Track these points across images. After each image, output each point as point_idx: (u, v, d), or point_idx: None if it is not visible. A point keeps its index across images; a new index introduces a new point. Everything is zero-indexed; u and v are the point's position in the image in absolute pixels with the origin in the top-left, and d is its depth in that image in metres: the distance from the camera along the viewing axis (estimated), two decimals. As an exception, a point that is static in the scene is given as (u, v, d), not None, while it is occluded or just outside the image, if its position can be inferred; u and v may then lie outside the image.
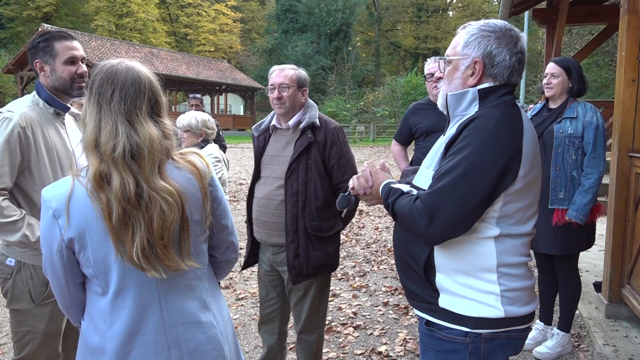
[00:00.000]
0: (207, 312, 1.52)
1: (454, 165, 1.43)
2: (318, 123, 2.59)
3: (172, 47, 43.07)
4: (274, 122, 2.69)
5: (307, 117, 2.59)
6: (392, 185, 1.61)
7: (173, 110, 33.09)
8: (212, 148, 3.53)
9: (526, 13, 11.21)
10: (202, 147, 3.47)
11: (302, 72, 2.65)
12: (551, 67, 3.19)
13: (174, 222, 1.37)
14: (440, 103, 1.67)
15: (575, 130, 3.08)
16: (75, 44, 2.21)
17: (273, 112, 2.73)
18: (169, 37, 44.86)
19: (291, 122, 2.61)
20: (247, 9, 50.36)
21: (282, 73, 2.59)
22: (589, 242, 3.24)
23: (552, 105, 3.25)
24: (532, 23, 13.28)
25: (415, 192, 1.55)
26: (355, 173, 2.49)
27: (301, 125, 2.57)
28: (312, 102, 2.69)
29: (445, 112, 1.66)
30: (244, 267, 2.89)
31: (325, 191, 2.59)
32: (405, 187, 1.58)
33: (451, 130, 1.58)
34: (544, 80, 3.23)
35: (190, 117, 3.43)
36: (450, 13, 48.18)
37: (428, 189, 1.48)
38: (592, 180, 3.03)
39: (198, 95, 6.41)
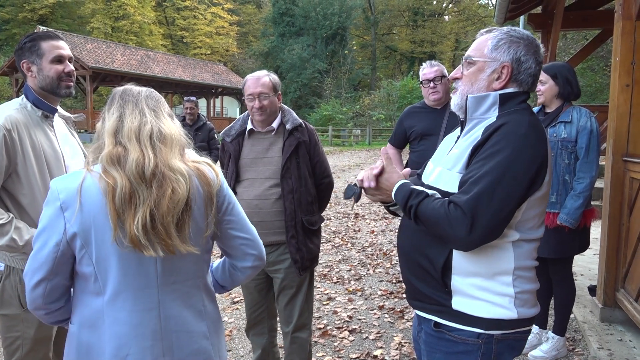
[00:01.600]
0: (201, 322, 1.53)
1: (489, 170, 1.42)
2: (303, 124, 2.75)
3: (168, 49, 42.99)
4: (249, 126, 2.75)
5: (291, 118, 2.72)
6: (411, 186, 1.59)
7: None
8: (191, 153, 3.56)
9: (521, 18, 11.26)
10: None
11: (275, 77, 2.73)
12: None
13: (181, 202, 1.39)
14: (456, 103, 1.66)
15: (569, 135, 3.08)
16: (62, 43, 2.20)
17: (242, 116, 2.83)
18: (165, 40, 44.79)
19: (275, 125, 2.71)
20: (244, 12, 50.38)
21: (259, 82, 2.64)
22: (583, 245, 3.24)
23: (548, 109, 3.25)
24: (527, 28, 13.33)
25: (438, 195, 1.55)
26: (329, 169, 2.90)
27: (288, 127, 2.69)
28: (284, 105, 2.82)
29: (460, 114, 1.66)
30: None
31: (312, 187, 2.76)
32: (428, 190, 1.57)
33: (474, 134, 1.57)
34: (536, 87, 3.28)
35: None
36: (446, 17, 48.36)
37: (461, 193, 1.46)
38: (583, 184, 3.03)
39: (193, 98, 6.38)
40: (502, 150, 1.44)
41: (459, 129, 1.71)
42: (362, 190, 1.72)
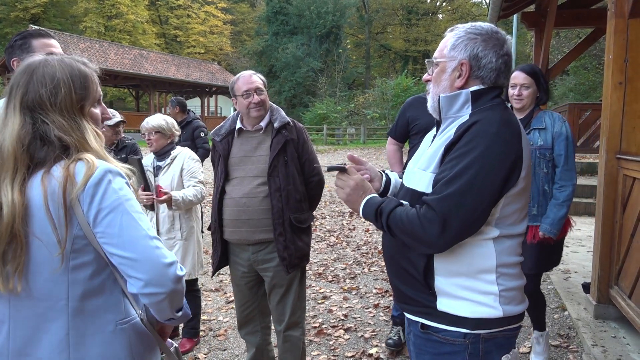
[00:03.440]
0: (60, 354, 1.27)
1: (461, 170, 1.42)
2: (291, 122, 2.76)
3: (161, 48, 42.78)
4: (239, 125, 2.76)
5: (279, 117, 2.74)
6: (379, 199, 1.59)
7: (163, 112, 32.92)
8: (187, 149, 3.59)
9: (515, 16, 11.31)
10: (171, 149, 3.50)
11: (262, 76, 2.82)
12: (521, 78, 2.94)
13: (3, 237, 1.21)
14: (430, 105, 1.67)
15: (545, 142, 2.93)
16: (53, 41, 2.17)
17: (232, 115, 2.85)
18: (158, 39, 44.58)
19: (263, 123, 2.72)
20: (238, 11, 50.24)
21: (252, 78, 2.69)
22: (557, 259, 3.15)
23: (518, 115, 3.00)
24: (520, 26, 13.39)
25: (407, 204, 1.54)
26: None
27: (276, 125, 2.71)
28: (272, 103, 2.84)
29: (435, 115, 1.67)
30: (215, 271, 2.92)
31: (301, 185, 2.76)
32: (396, 200, 1.56)
33: (448, 133, 1.57)
34: (514, 92, 2.97)
35: (160, 119, 3.49)
36: (440, 16, 48.45)
37: (433, 194, 1.45)
38: (566, 193, 2.91)
39: (173, 99, 6.30)
40: (474, 148, 1.43)
41: (435, 128, 1.72)
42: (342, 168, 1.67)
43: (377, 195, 1.62)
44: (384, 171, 1.88)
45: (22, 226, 1.21)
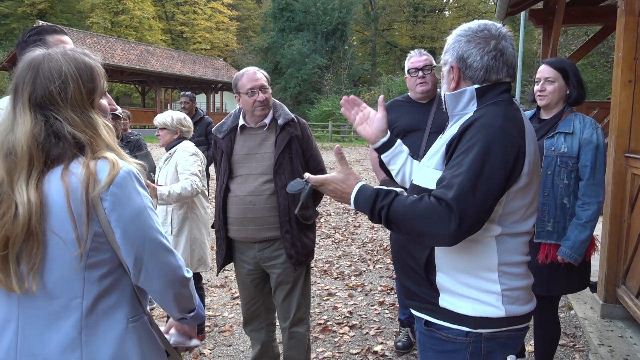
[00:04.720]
0: (72, 353, 1.24)
1: (469, 163, 1.41)
2: (295, 119, 2.74)
3: (168, 44, 42.85)
4: (241, 122, 2.74)
5: (282, 113, 2.72)
6: (374, 187, 1.54)
7: (168, 107, 32.98)
8: (187, 143, 3.56)
9: (522, 13, 11.23)
10: (177, 144, 3.50)
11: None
12: (545, 71, 2.62)
13: (19, 236, 1.19)
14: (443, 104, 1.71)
15: (570, 149, 2.53)
16: (67, 38, 2.16)
17: (234, 112, 2.83)
18: (164, 35, 44.64)
19: (267, 120, 2.70)
20: (244, 7, 50.20)
21: (257, 75, 2.66)
22: (583, 282, 2.71)
23: (545, 115, 2.69)
24: (528, 23, 13.30)
25: (404, 192, 1.53)
26: (323, 163, 2.83)
27: (280, 121, 2.68)
28: (275, 100, 2.81)
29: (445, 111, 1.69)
30: (219, 269, 2.92)
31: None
32: (396, 189, 1.54)
33: (453, 130, 1.57)
34: (537, 87, 2.66)
35: (166, 116, 3.54)
36: (447, 13, 48.19)
37: (444, 188, 1.42)
38: (590, 211, 2.49)
39: (187, 93, 6.35)
40: (478, 142, 1.43)
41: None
42: (311, 188, 1.65)
43: (364, 185, 1.56)
44: (397, 136, 1.93)
45: (39, 223, 1.19)
